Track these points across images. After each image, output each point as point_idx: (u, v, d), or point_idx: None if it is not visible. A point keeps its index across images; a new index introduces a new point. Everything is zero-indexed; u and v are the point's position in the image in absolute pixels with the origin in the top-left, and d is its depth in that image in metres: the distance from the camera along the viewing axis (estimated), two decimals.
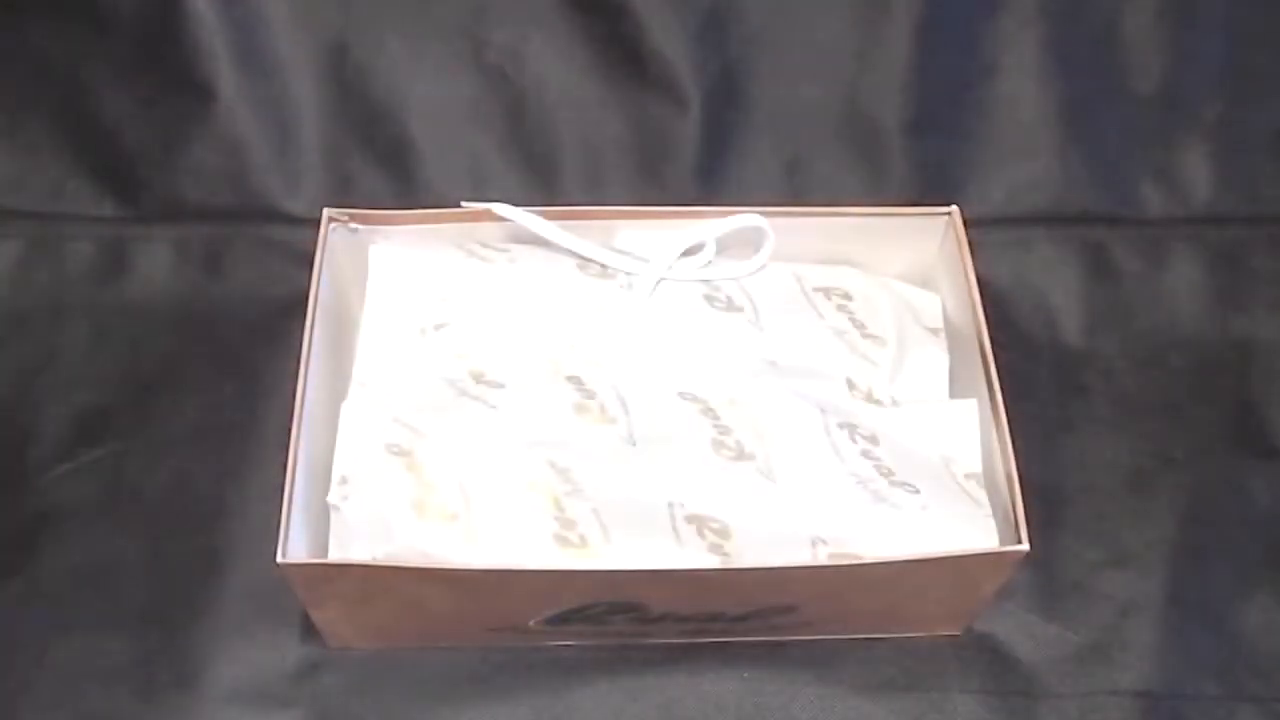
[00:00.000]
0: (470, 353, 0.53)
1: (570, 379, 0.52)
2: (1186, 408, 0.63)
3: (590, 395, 0.52)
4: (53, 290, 0.65)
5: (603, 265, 0.55)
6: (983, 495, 0.51)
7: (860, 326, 0.56)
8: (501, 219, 0.55)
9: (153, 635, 0.55)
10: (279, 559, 0.46)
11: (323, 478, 0.54)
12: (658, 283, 0.54)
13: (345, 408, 0.52)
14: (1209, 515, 0.60)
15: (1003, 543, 0.49)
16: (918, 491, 0.50)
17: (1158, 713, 0.54)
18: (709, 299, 0.55)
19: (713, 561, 0.48)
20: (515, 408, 0.51)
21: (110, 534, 0.57)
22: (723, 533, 0.49)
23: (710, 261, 0.56)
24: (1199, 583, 0.58)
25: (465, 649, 0.54)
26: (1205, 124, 0.70)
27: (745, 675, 0.55)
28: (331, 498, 0.50)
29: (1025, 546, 0.47)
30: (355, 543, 0.49)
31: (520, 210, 0.55)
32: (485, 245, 0.55)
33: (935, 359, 0.56)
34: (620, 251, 0.55)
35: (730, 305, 0.55)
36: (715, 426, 0.51)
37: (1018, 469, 0.49)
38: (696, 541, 0.48)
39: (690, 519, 0.49)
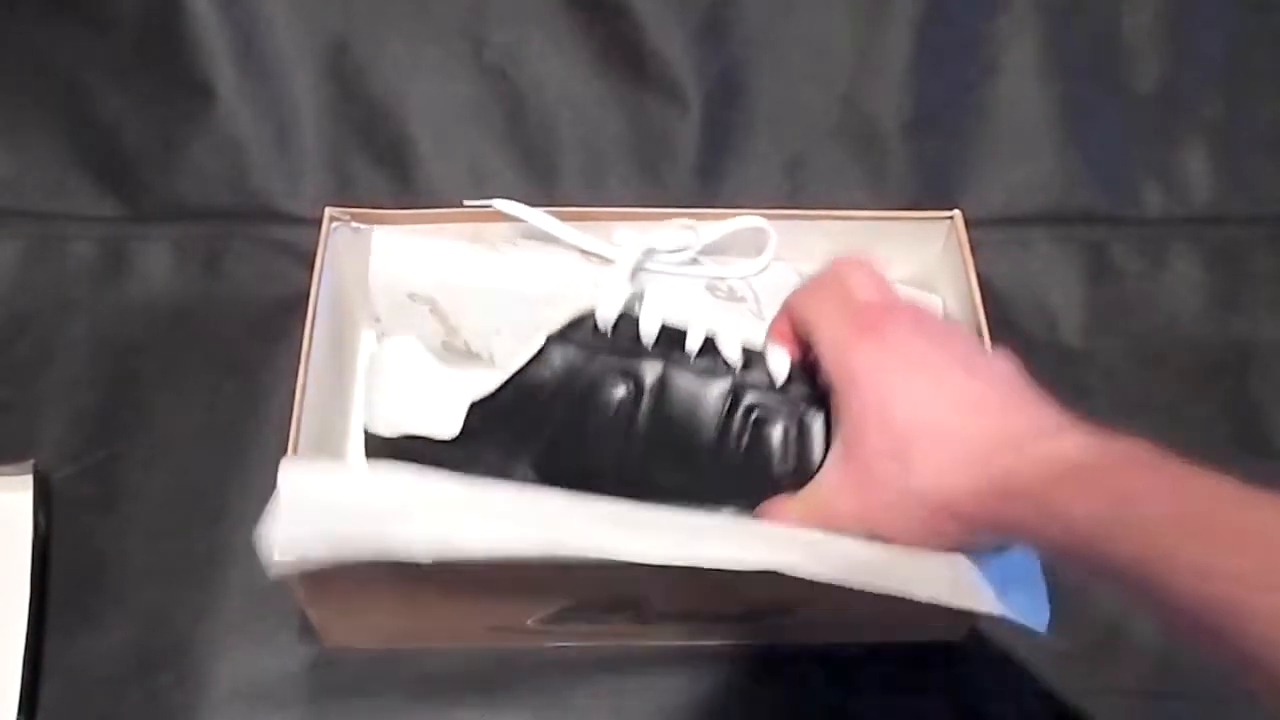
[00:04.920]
0: (465, 329, 0.53)
1: None
2: (1186, 408, 0.63)
3: None
4: (53, 290, 0.65)
5: (605, 258, 0.55)
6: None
7: None
8: (504, 217, 0.55)
9: (153, 635, 0.55)
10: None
11: None
12: (643, 255, 0.54)
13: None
14: None
15: None
16: None
17: (1158, 713, 0.54)
18: (711, 289, 0.55)
19: None
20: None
21: (110, 533, 0.57)
22: None
23: (712, 262, 0.56)
24: None
25: (465, 649, 0.54)
26: (1205, 124, 0.70)
27: (745, 677, 0.55)
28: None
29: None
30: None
31: (523, 206, 0.55)
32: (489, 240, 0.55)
33: None
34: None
35: (732, 295, 0.55)
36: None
37: None
38: None
39: None
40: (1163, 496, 0.35)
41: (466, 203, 0.56)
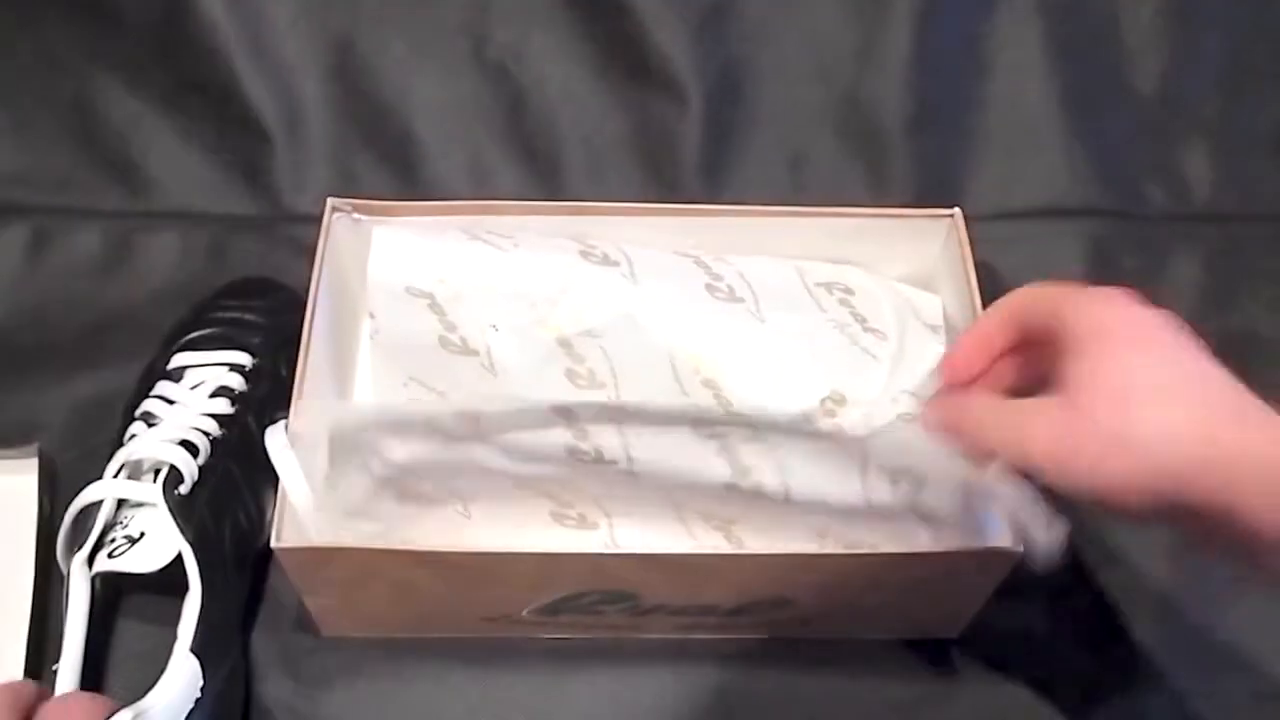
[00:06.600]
0: (462, 325, 0.53)
1: (562, 343, 0.52)
2: None
3: (581, 360, 0.52)
4: (59, 283, 0.66)
5: (605, 254, 0.55)
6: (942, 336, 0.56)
7: (861, 320, 0.56)
8: (506, 213, 0.56)
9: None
10: (273, 544, 0.47)
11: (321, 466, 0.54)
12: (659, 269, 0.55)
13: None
14: None
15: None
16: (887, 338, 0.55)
17: (1157, 712, 0.54)
18: (710, 289, 0.55)
19: (709, 401, 0.50)
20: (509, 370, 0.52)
21: None
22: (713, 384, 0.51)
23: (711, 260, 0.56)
24: (1197, 582, 0.58)
25: (461, 640, 0.55)
26: (1205, 122, 0.70)
27: (739, 671, 0.55)
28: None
29: (1023, 549, 0.47)
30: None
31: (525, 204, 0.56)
32: (490, 232, 0.55)
33: (935, 354, 0.56)
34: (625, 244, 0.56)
35: (732, 296, 0.55)
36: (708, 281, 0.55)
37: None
38: (694, 384, 0.51)
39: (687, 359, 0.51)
40: None
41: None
